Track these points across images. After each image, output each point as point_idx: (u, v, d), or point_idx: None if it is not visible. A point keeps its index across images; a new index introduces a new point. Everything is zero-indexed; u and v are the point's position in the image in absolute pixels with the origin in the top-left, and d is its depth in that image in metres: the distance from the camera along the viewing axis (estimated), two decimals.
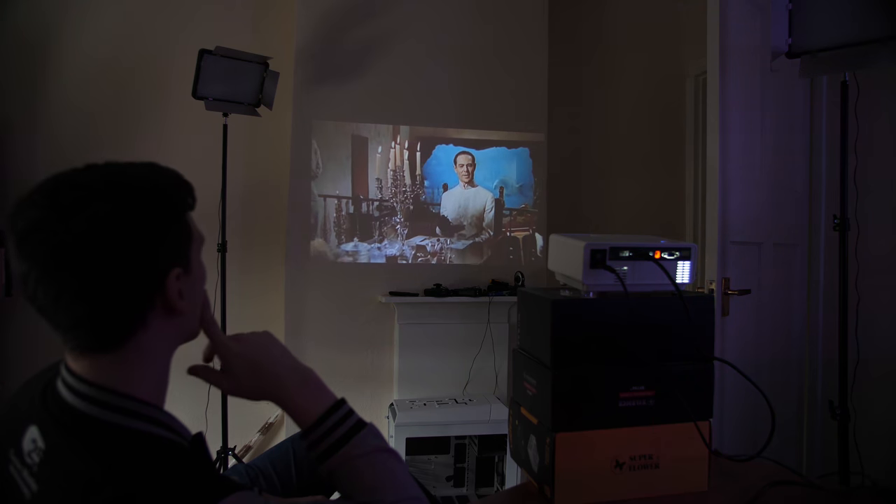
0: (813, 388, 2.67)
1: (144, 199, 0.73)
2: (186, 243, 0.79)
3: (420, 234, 2.45)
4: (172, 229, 0.76)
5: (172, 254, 0.76)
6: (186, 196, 0.79)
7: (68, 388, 0.75)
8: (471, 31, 3.46)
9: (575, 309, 1.24)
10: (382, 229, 2.46)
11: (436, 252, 2.35)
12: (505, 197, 2.57)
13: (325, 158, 3.27)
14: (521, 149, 2.90)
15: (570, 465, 1.22)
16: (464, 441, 3.32)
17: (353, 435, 0.85)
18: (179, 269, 0.76)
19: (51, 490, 0.71)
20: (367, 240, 2.67)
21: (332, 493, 1.26)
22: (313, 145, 3.25)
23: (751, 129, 2.30)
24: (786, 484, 1.31)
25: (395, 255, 2.53)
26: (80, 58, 3.28)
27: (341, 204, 3.16)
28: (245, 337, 0.89)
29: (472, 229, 2.42)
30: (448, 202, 2.46)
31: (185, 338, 0.83)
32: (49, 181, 0.71)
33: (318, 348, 3.19)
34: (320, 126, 3.28)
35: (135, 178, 0.74)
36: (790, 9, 1.94)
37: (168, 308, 0.76)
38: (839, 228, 1.98)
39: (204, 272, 0.85)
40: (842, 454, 1.93)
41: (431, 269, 3.37)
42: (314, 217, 3.19)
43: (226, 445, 2.88)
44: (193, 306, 0.82)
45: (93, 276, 0.69)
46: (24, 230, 0.68)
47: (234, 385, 0.87)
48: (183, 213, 0.78)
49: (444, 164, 3.29)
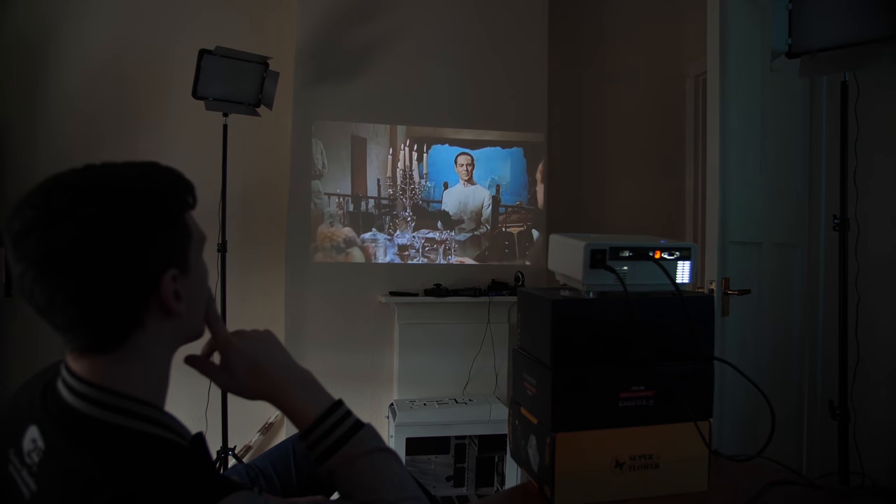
0: (813, 388, 2.67)
1: (133, 201, 0.72)
2: (184, 244, 0.78)
3: (424, 229, 2.62)
4: (165, 230, 0.75)
5: (167, 255, 0.75)
6: (185, 195, 0.78)
7: (68, 388, 0.75)
8: (471, 32, 3.47)
9: (575, 309, 1.24)
10: (394, 221, 2.64)
11: (443, 241, 2.49)
12: (501, 194, 2.74)
13: (326, 158, 3.27)
14: (515, 149, 3.03)
15: (570, 465, 1.22)
16: (464, 441, 3.32)
17: (351, 435, 0.85)
18: (175, 271, 0.75)
19: (50, 490, 0.71)
20: (379, 231, 2.81)
21: (332, 493, 1.26)
22: (319, 145, 3.25)
23: (751, 129, 2.30)
24: (786, 484, 1.31)
25: (407, 244, 2.61)
26: (80, 58, 3.28)
27: (342, 202, 3.20)
28: (248, 334, 0.89)
29: (472, 223, 2.66)
30: (449, 199, 2.66)
31: (185, 339, 0.82)
32: (45, 183, 0.71)
33: (318, 348, 3.19)
34: (320, 126, 3.29)
35: (126, 180, 0.74)
36: (790, 9, 1.94)
37: (164, 310, 0.75)
38: (839, 228, 1.98)
39: (205, 272, 0.85)
40: (842, 454, 1.93)
41: (431, 269, 3.37)
42: (320, 213, 3.21)
43: (226, 445, 2.88)
44: (193, 308, 0.81)
45: (84, 278, 0.69)
46: (19, 231, 0.68)
47: (231, 382, 0.87)
48: (180, 213, 0.78)
49: (443, 163, 3.30)
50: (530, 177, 2.90)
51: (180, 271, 0.77)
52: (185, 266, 0.78)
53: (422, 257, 2.66)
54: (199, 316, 0.84)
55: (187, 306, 0.78)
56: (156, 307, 0.75)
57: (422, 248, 2.46)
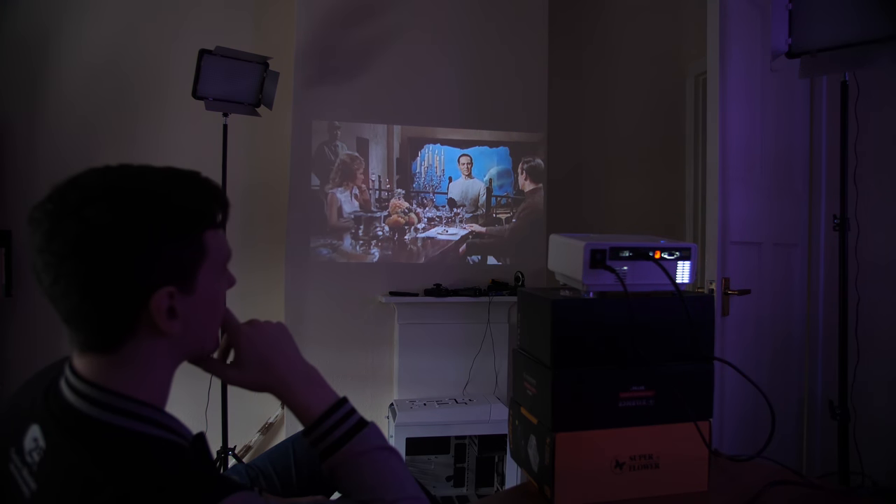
0: (813, 388, 2.67)
1: (144, 210, 0.71)
2: (192, 262, 0.75)
3: (435, 208, 3.26)
4: (172, 245, 0.73)
5: (167, 271, 0.73)
6: (209, 211, 0.76)
7: (70, 387, 0.75)
8: (471, 33, 3.47)
9: (575, 309, 1.24)
10: (423, 201, 3.26)
11: (456, 214, 3.24)
12: (493, 186, 3.35)
13: (326, 158, 3.28)
14: (501, 148, 3.42)
15: (570, 465, 1.22)
16: (464, 441, 3.32)
17: (354, 433, 0.86)
18: (173, 288, 0.73)
19: (50, 490, 0.71)
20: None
21: (332, 493, 1.26)
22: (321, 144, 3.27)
23: (751, 129, 2.30)
24: (786, 484, 1.31)
25: (433, 217, 3.27)
26: (80, 58, 3.28)
27: (343, 199, 3.29)
28: (261, 325, 0.90)
29: (472, 208, 3.28)
30: (454, 189, 3.25)
31: (188, 356, 0.81)
32: (70, 178, 0.73)
33: (317, 348, 3.18)
34: (320, 126, 3.29)
35: (146, 186, 0.73)
36: (790, 9, 1.94)
37: (154, 326, 0.73)
38: (839, 228, 1.98)
39: (218, 293, 0.81)
40: (842, 454, 1.93)
41: (431, 268, 3.37)
42: (324, 211, 3.27)
43: (226, 445, 2.88)
44: (195, 328, 0.78)
45: (80, 276, 0.70)
46: (35, 219, 0.71)
47: (238, 375, 0.87)
48: (197, 229, 0.75)
49: (446, 162, 3.41)
50: (515, 172, 3.38)
51: (180, 289, 0.74)
52: (190, 285, 0.75)
53: (444, 225, 3.24)
54: (203, 336, 0.81)
55: (186, 326, 0.75)
56: (147, 320, 0.73)
57: (442, 223, 3.19)
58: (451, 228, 3.11)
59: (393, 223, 3.13)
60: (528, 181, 3.36)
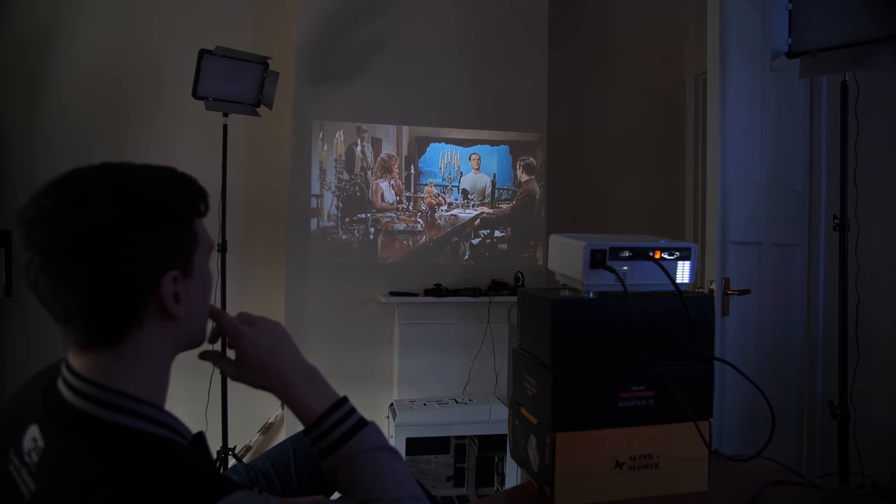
0: (813, 388, 2.67)
1: (144, 200, 0.73)
2: (190, 248, 0.78)
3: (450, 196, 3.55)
4: (172, 232, 0.75)
5: (170, 256, 0.75)
6: (197, 201, 0.79)
7: (68, 386, 0.75)
8: (471, 33, 3.47)
9: (575, 309, 1.24)
10: (438, 197, 3.54)
11: (470, 200, 3.53)
12: (496, 180, 3.59)
13: (327, 157, 3.28)
14: (501, 146, 3.57)
15: (570, 465, 1.22)
16: (464, 441, 3.32)
17: (354, 433, 0.86)
18: (177, 272, 0.75)
19: (48, 490, 0.71)
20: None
21: (332, 492, 1.26)
22: (322, 144, 3.27)
23: (751, 129, 2.30)
24: (786, 484, 1.31)
25: (451, 202, 3.56)
26: (79, 58, 3.28)
27: (384, 187, 3.42)
28: (259, 322, 0.90)
29: (479, 197, 3.51)
30: (465, 181, 3.50)
31: (184, 344, 0.82)
32: (63, 175, 0.73)
33: (317, 348, 3.18)
34: (320, 126, 3.29)
35: (141, 180, 0.75)
36: (790, 9, 1.94)
37: (162, 310, 0.75)
38: (839, 228, 1.97)
39: (209, 280, 0.84)
40: (842, 454, 1.93)
41: (431, 268, 3.37)
42: (325, 209, 3.31)
43: (226, 445, 2.88)
44: (193, 312, 0.80)
45: (86, 269, 0.69)
46: (31, 219, 0.70)
47: (239, 372, 0.88)
48: (190, 217, 0.78)
49: (448, 160, 3.50)
50: (514, 169, 3.58)
51: (182, 274, 0.77)
52: (189, 270, 0.78)
53: (461, 208, 3.50)
54: (198, 322, 0.83)
55: (186, 310, 0.78)
56: (154, 307, 0.75)
57: (460, 203, 3.53)
58: (466, 210, 3.46)
59: (429, 203, 3.46)
60: (523, 174, 3.59)
